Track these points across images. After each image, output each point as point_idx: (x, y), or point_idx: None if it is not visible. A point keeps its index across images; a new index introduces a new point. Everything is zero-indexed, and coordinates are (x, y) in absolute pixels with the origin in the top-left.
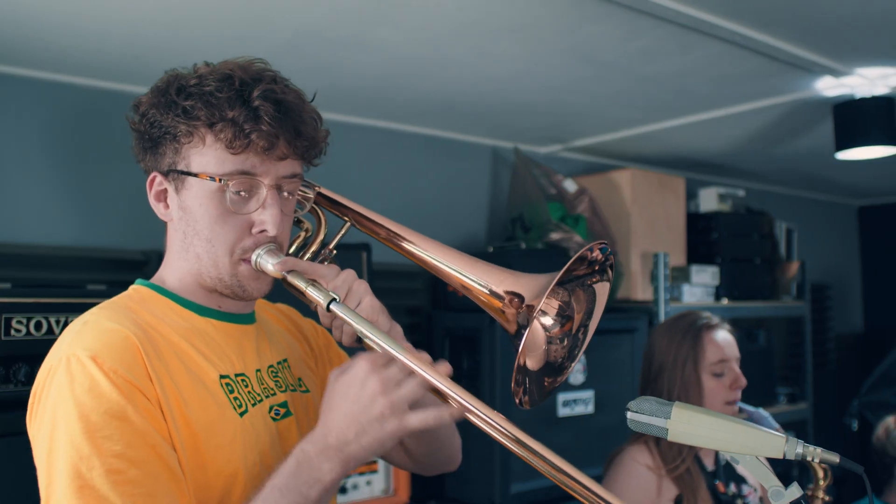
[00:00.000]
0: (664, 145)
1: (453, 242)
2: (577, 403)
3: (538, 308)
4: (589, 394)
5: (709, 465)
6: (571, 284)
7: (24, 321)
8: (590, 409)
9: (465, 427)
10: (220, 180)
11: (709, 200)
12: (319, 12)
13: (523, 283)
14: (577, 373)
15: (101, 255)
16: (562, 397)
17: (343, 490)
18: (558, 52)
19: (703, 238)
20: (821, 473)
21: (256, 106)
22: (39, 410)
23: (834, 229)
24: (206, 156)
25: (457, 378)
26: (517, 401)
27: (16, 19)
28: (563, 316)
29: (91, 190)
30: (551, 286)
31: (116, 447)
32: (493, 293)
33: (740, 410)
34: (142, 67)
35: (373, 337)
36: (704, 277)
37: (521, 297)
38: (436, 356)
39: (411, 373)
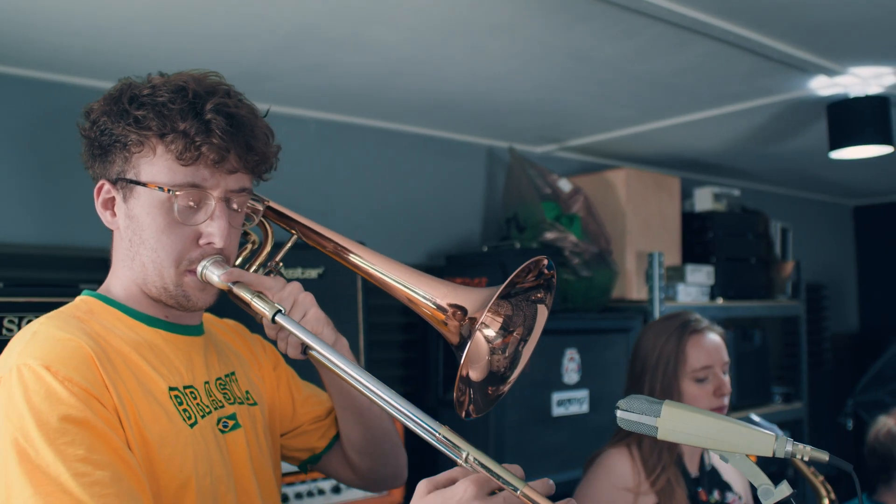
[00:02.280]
0: (659, 145)
1: (448, 242)
2: (571, 403)
3: (480, 321)
4: (583, 393)
5: (693, 471)
6: (516, 298)
7: (16, 321)
8: (584, 408)
9: (460, 427)
10: (168, 191)
11: (704, 200)
12: (313, 12)
13: (466, 297)
14: (571, 372)
15: (95, 255)
16: (556, 397)
17: (337, 490)
18: (551, 51)
19: (698, 237)
20: (822, 490)
21: (208, 119)
22: None
23: (829, 229)
24: (156, 166)
25: (451, 378)
26: (462, 413)
27: (9, 18)
28: (506, 329)
29: (85, 189)
30: (493, 299)
31: (79, 451)
32: (436, 306)
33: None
34: (137, 67)
35: (318, 349)
36: (699, 277)
37: (464, 310)
38: (430, 357)
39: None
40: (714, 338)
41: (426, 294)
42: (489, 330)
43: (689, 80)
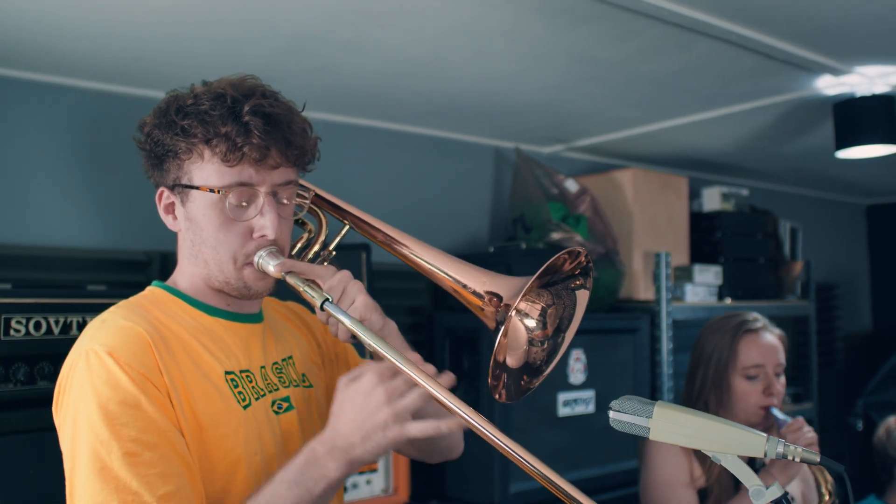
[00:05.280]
0: (666, 145)
1: (456, 242)
2: (577, 403)
3: (514, 307)
4: (590, 393)
5: None
6: (556, 287)
7: (24, 321)
8: (590, 408)
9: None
10: (219, 191)
11: (712, 200)
12: (317, 15)
13: (503, 284)
14: (577, 372)
15: (104, 256)
16: (562, 397)
17: (343, 489)
18: (555, 52)
19: (706, 237)
20: (823, 485)
21: (247, 121)
22: (63, 401)
23: (842, 228)
24: (206, 170)
25: (458, 377)
26: (496, 395)
27: (21, 24)
28: (546, 319)
29: (94, 191)
30: (527, 286)
31: (132, 433)
32: (475, 293)
33: (769, 416)
34: (144, 71)
35: (362, 335)
36: (707, 277)
37: (499, 297)
38: (437, 356)
39: (414, 384)
40: (770, 338)
41: (466, 282)
42: (530, 320)
43: (694, 80)
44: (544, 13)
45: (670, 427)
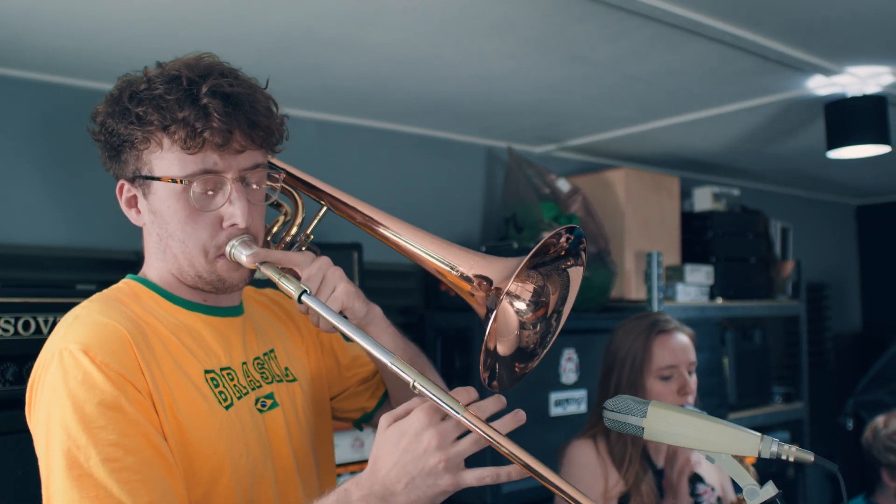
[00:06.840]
0: (658, 145)
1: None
2: (569, 403)
3: (505, 291)
4: (581, 393)
5: (658, 462)
6: (546, 268)
7: (13, 321)
8: (582, 408)
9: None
10: (182, 181)
11: (703, 199)
12: (307, 13)
13: (493, 267)
14: (569, 372)
15: (93, 256)
16: (554, 397)
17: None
18: (547, 52)
19: (697, 237)
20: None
21: (205, 104)
22: (35, 403)
23: (832, 228)
24: (166, 159)
25: (449, 377)
26: (488, 385)
27: (7, 22)
28: (537, 301)
29: (82, 190)
30: (518, 269)
31: (111, 436)
32: (462, 276)
33: None
34: (131, 68)
35: (344, 329)
36: (699, 277)
37: (489, 281)
38: (428, 355)
39: (466, 428)
40: (682, 338)
41: (453, 264)
42: (520, 303)
43: (687, 79)
44: (537, 13)
45: (664, 426)
